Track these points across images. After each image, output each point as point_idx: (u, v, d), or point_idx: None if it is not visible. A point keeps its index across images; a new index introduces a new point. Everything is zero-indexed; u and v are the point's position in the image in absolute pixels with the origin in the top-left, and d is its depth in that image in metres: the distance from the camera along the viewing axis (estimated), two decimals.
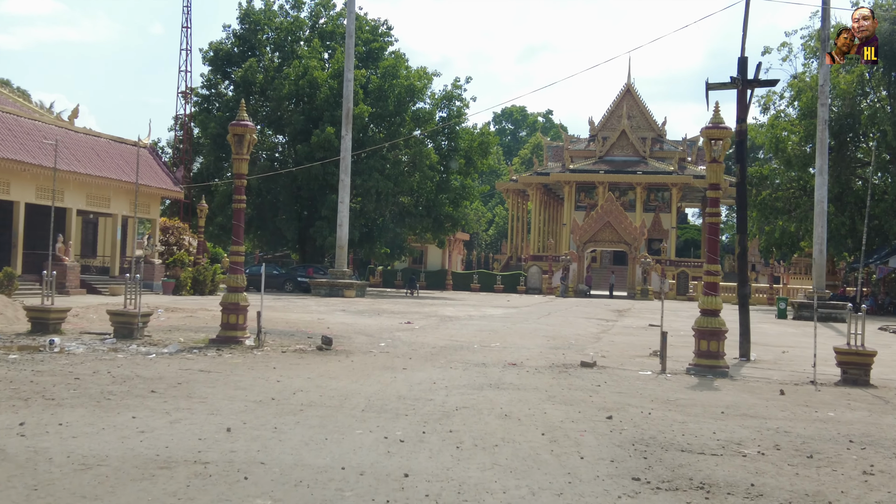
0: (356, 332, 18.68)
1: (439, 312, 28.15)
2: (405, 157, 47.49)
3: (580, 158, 73.63)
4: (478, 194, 51.66)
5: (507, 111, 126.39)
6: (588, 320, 26.89)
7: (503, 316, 27.42)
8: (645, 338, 20.63)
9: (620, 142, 72.64)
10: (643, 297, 53.64)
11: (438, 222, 47.80)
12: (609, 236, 56.13)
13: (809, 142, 44.22)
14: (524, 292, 57.57)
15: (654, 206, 72.08)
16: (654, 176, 69.02)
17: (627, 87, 75.83)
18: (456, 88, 47.86)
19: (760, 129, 47.92)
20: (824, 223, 35.89)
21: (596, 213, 56.83)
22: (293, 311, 26.27)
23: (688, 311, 38.69)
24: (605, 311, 34.36)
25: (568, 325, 23.89)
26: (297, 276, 43.61)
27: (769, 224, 48.41)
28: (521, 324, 23.24)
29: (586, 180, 70.48)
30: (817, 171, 35.95)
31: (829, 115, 36.26)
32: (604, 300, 49.68)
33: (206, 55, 47.89)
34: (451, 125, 47.73)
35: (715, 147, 13.79)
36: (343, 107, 40.28)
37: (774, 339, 22.47)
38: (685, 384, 12.14)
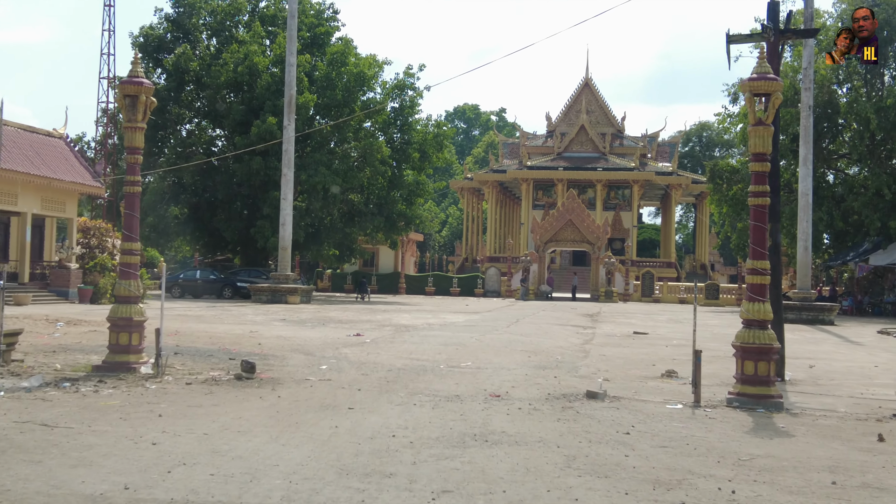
0: (293, 350, 15.14)
1: (394, 321, 24.68)
2: (355, 152, 43.89)
3: (537, 155, 70.62)
4: (432, 191, 48.17)
5: (459, 109, 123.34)
6: (563, 328, 23.62)
7: (466, 324, 24.03)
8: (638, 349, 17.40)
9: (579, 137, 69.76)
10: (608, 300, 50.69)
11: (391, 221, 44.28)
12: (571, 235, 53.12)
13: (783, 133, 41.55)
14: (482, 295, 54.28)
15: (614, 205, 69.27)
16: (616, 172, 66.23)
17: (586, 81, 72.99)
18: (408, 77, 44.40)
19: (731, 119, 45.22)
20: (809, 217, 33.08)
21: (557, 211, 53.77)
22: (225, 321, 22.61)
23: (661, 313, 35.76)
24: (576, 316, 31.19)
25: (543, 334, 20.59)
26: (237, 282, 39.78)
27: (741, 220, 45.70)
28: (491, 334, 19.87)
29: (545, 177, 67.46)
30: (801, 161, 33.12)
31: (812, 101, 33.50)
32: (568, 303, 46.60)
33: (136, 41, 43.80)
34: (403, 116, 44.24)
35: (759, 106, 10.56)
36: (285, 94, 36.61)
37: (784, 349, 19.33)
38: (739, 425, 8.86)
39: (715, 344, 19.48)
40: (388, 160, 42.48)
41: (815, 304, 32.24)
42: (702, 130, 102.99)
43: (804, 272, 33.16)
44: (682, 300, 52.60)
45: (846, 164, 44.49)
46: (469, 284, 55.46)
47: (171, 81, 42.44)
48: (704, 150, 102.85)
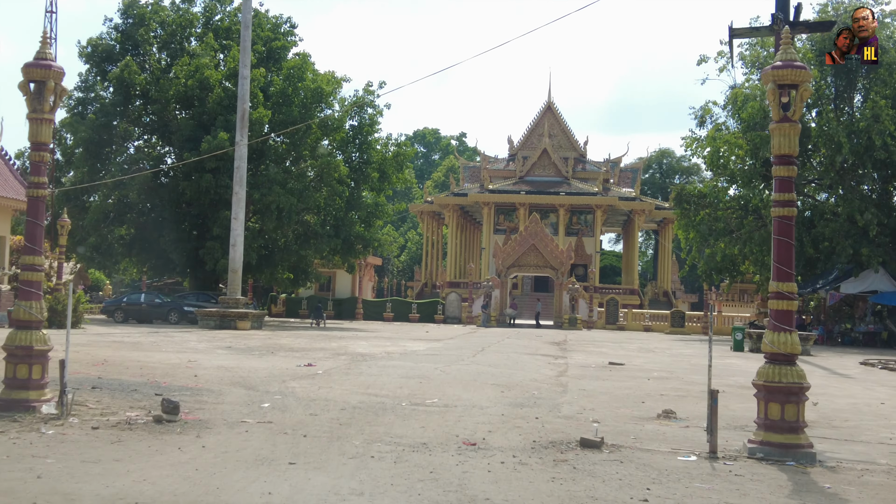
0: (234, 383, 13.25)
1: (350, 349, 22.79)
2: (311, 171, 42.03)
3: (499, 179, 69.24)
4: (392, 213, 46.37)
5: (419, 133, 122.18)
6: (532, 357, 21.91)
7: (429, 352, 22.22)
8: (619, 383, 15.73)
9: (542, 161, 68.56)
10: (571, 327, 49.17)
11: (348, 244, 42.37)
12: (534, 260, 51.61)
13: (753, 157, 40.57)
14: (442, 322, 52.48)
15: (576, 230, 68.04)
16: (579, 197, 65.01)
17: (548, 105, 71.95)
18: (368, 94, 42.75)
19: (699, 143, 44.10)
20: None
21: (520, 236, 52.26)
22: (163, 348, 20.58)
23: (629, 342, 34.18)
24: (543, 344, 29.51)
25: (513, 365, 18.85)
26: (185, 306, 37.56)
27: (709, 246, 44.55)
28: (456, 364, 18.08)
29: (507, 201, 66.05)
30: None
31: None
32: (531, 330, 44.97)
33: (84, 51, 41.62)
34: (362, 135, 42.49)
35: (785, 98, 9.00)
36: (238, 108, 34.76)
37: None
38: (776, 486, 7.18)
39: (700, 376, 17.90)
40: (346, 180, 40.68)
41: None
42: (662, 157, 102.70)
43: None
44: (648, 328, 51.27)
45: (814, 190, 43.58)
46: (429, 310, 53.67)
47: (117, 95, 40.30)
48: (665, 177, 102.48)
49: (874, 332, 40.24)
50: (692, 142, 44.44)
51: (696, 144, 44.29)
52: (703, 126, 45.48)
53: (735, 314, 52.98)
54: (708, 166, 43.48)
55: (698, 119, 45.58)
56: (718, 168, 43.52)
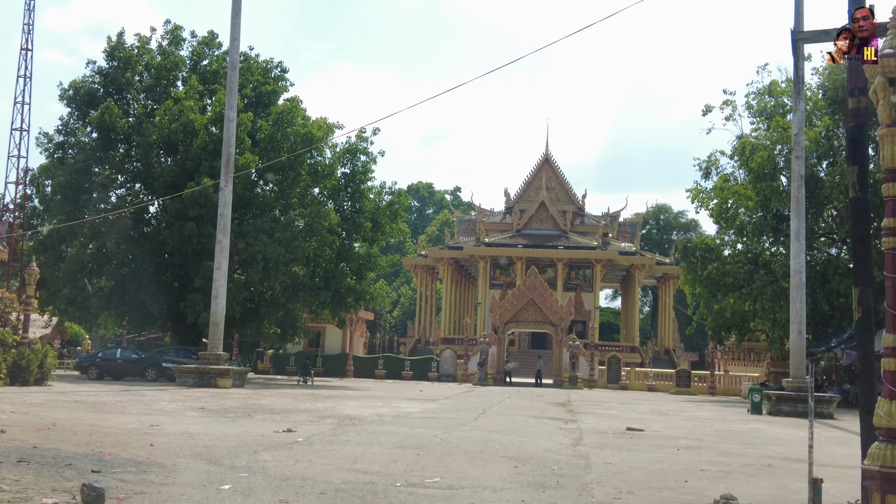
0: (194, 454, 11.07)
1: (338, 410, 20.57)
2: (300, 220, 40.04)
3: (495, 232, 67.47)
4: (385, 265, 44.31)
5: (412, 187, 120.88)
6: (540, 421, 19.72)
7: (425, 415, 20.01)
8: (648, 454, 13.57)
9: (539, 214, 66.86)
10: (572, 386, 46.93)
11: (339, 297, 40.26)
12: (532, 316, 49.55)
13: (763, 209, 38.82)
14: (436, 379, 50.18)
15: (574, 285, 66.08)
16: (578, 251, 63.17)
17: (546, 157, 70.51)
18: (361, 140, 41.01)
19: (705, 194, 42.35)
20: (803, 297, 29.98)
21: (518, 290, 50.26)
22: (128, 410, 18.35)
23: (637, 402, 31.76)
24: (547, 406, 27.31)
25: (521, 430, 16.66)
26: (163, 362, 35.26)
27: (717, 302, 42.53)
28: (457, 430, 15.89)
29: (503, 255, 64.14)
30: (793, 235, 30.11)
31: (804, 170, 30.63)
32: (531, 389, 42.70)
33: (65, 94, 39.86)
34: (355, 183, 40.67)
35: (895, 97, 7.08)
36: (223, 153, 32.89)
37: (822, 455, 15.71)
38: None
39: (732, 445, 15.80)
40: (337, 229, 38.69)
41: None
42: (659, 213, 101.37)
43: (798, 358, 29.79)
44: (652, 388, 49.03)
45: (825, 244, 41.75)
46: (422, 367, 51.44)
47: (98, 139, 38.48)
48: (662, 233, 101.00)
49: None
50: (698, 193, 42.70)
51: (701, 196, 42.57)
52: (709, 178, 43.78)
53: (742, 373, 50.84)
54: (715, 219, 41.66)
55: (703, 170, 43.91)
56: (726, 221, 41.72)
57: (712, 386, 48.54)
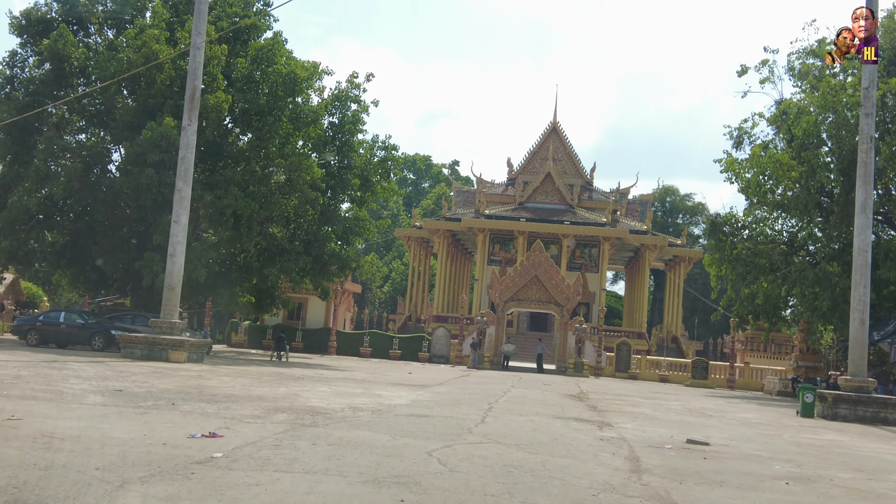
0: (8, 487, 6.25)
1: (301, 399, 15.76)
2: (281, 175, 35.05)
3: (496, 204, 62.59)
4: (375, 230, 39.37)
5: (409, 159, 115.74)
6: (566, 424, 14.90)
7: (414, 410, 15.17)
8: (762, 495, 8.80)
9: (544, 187, 62.00)
10: (577, 373, 42.29)
11: (321, 264, 35.40)
12: (536, 294, 44.82)
13: (808, 180, 33.97)
14: (427, 360, 45.51)
15: (579, 265, 61.27)
16: (585, 227, 58.33)
17: (553, 125, 65.52)
18: (353, 87, 36.01)
19: (741, 165, 37.47)
20: (867, 281, 25.17)
21: (521, 265, 45.45)
22: (16, 390, 13.51)
23: (658, 396, 26.42)
24: (560, 398, 22.58)
25: (553, 444, 11.69)
26: (112, 329, 30.36)
27: (747, 286, 37.77)
28: (462, 443, 10.91)
29: (504, 228, 59.26)
30: (859, 207, 25.30)
31: (874, 130, 25.75)
32: (532, 375, 38.02)
33: (16, 23, 34.72)
34: (343, 134, 35.72)
35: None
36: (187, 86, 27.94)
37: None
38: None
39: (843, 473, 11.10)
40: (320, 184, 33.73)
41: (874, 396, 24.04)
42: (665, 195, 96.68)
43: (859, 353, 25.03)
44: (664, 378, 44.43)
45: (877, 225, 36.95)
46: (412, 347, 46.71)
47: (50, 72, 33.43)
48: (668, 216, 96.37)
49: None
50: (732, 163, 37.79)
51: (736, 166, 37.69)
52: (740, 147, 38.98)
53: (764, 366, 46.22)
54: (752, 192, 36.74)
55: (735, 139, 39.10)
56: (761, 195, 36.89)
57: (731, 379, 43.99)
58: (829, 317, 33.44)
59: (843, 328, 34.03)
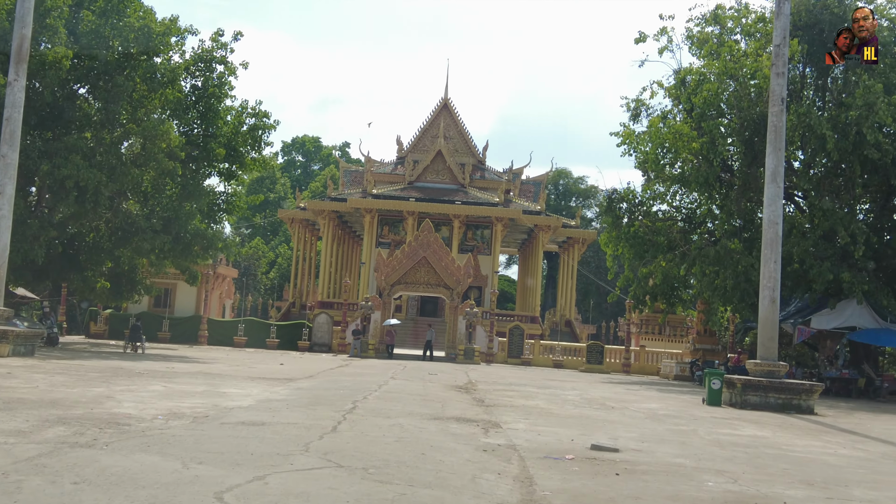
0: None
1: (107, 405, 12.41)
2: (136, 144, 31.13)
3: (384, 184, 59.49)
4: (245, 206, 35.76)
5: (297, 141, 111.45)
6: (444, 429, 11.97)
7: (249, 416, 11.99)
8: None
9: (435, 166, 59.20)
10: (468, 360, 39.70)
11: (183, 243, 31.73)
12: (424, 277, 41.97)
13: (710, 153, 32.03)
14: (307, 349, 42.21)
15: (471, 247, 58.76)
16: (477, 207, 55.79)
17: (444, 102, 62.73)
18: (218, 46, 32.32)
19: (639, 138, 35.39)
20: (778, 256, 23.10)
21: (409, 246, 42.52)
22: None
23: (554, 384, 23.51)
24: (444, 391, 19.74)
25: (417, 461, 8.74)
26: None
27: (644, 265, 35.79)
28: (287, 467, 7.85)
29: (393, 209, 56.21)
30: (769, 176, 23.19)
31: (786, 91, 23.68)
32: (420, 363, 35.20)
33: None
34: (207, 99, 32.04)
35: None
36: (14, 35, 23.92)
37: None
38: None
39: (786, 486, 8.48)
40: (179, 153, 29.98)
41: (786, 382, 21.99)
42: (559, 178, 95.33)
43: (769, 334, 22.97)
44: (559, 363, 42.29)
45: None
46: (292, 335, 43.31)
47: None
48: (561, 199, 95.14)
49: (848, 378, 32.09)
50: (629, 135, 35.69)
51: (634, 139, 35.59)
52: (638, 120, 36.87)
53: (660, 350, 44.60)
54: (649, 167, 34.67)
55: (632, 111, 36.92)
56: (659, 169, 34.92)
57: (627, 363, 42.15)
58: (731, 296, 31.60)
59: (745, 308, 32.33)
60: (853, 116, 28.69)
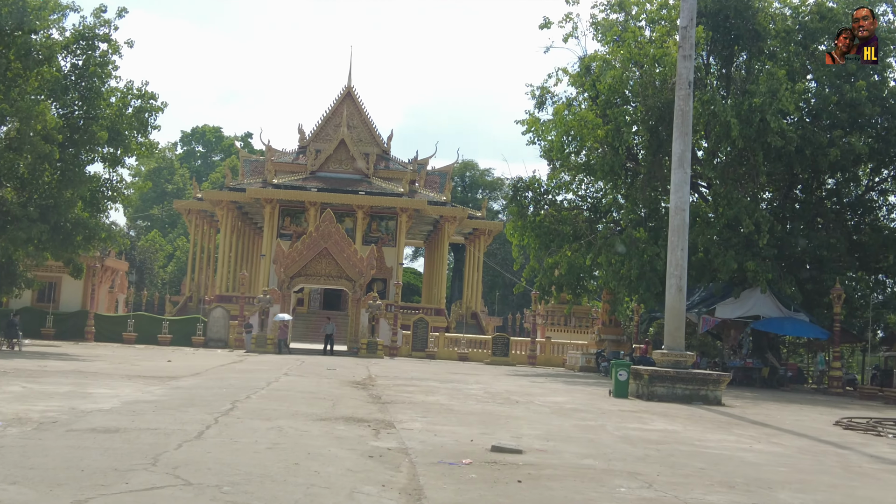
0: None
1: None
2: (15, 126, 28.83)
3: (286, 173, 57.63)
4: (136, 197, 33.69)
5: (198, 131, 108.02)
6: (329, 432, 10.77)
7: (107, 420, 10.51)
8: None
9: (338, 155, 57.59)
10: (371, 354, 38.42)
11: (63, 233, 29.60)
12: (326, 269, 40.50)
13: (615, 140, 31.51)
14: (202, 345, 40.29)
15: (375, 238, 57.29)
16: (382, 198, 54.49)
17: (347, 90, 61.10)
18: (101, 23, 30.22)
19: (544, 126, 34.70)
20: (685, 243, 22.56)
21: (310, 237, 40.96)
22: None
23: (457, 377, 22.42)
24: (340, 388, 18.52)
25: (288, 473, 7.58)
26: None
27: (550, 255, 35.17)
28: (120, 487, 6.51)
29: (294, 199, 54.44)
30: (676, 161, 22.66)
31: (693, 74, 23.13)
32: (318, 358, 33.71)
33: None
34: (88, 79, 29.93)
35: None
36: None
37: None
38: None
39: (705, 489, 7.54)
40: (55, 135, 27.86)
41: (693, 372, 21.47)
42: (465, 170, 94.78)
43: (676, 324, 22.43)
44: (464, 356, 41.38)
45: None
46: (186, 330, 41.33)
47: None
48: (468, 191, 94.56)
49: (752, 367, 32.05)
50: (534, 122, 34.98)
51: (539, 127, 34.88)
52: (543, 108, 36.25)
53: (566, 341, 44.19)
54: (554, 155, 34.01)
55: (537, 98, 36.26)
56: (565, 157, 34.33)
57: (533, 355, 41.49)
58: (636, 286, 31.18)
59: (650, 298, 31.94)
60: (757, 103, 28.46)
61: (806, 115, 31.45)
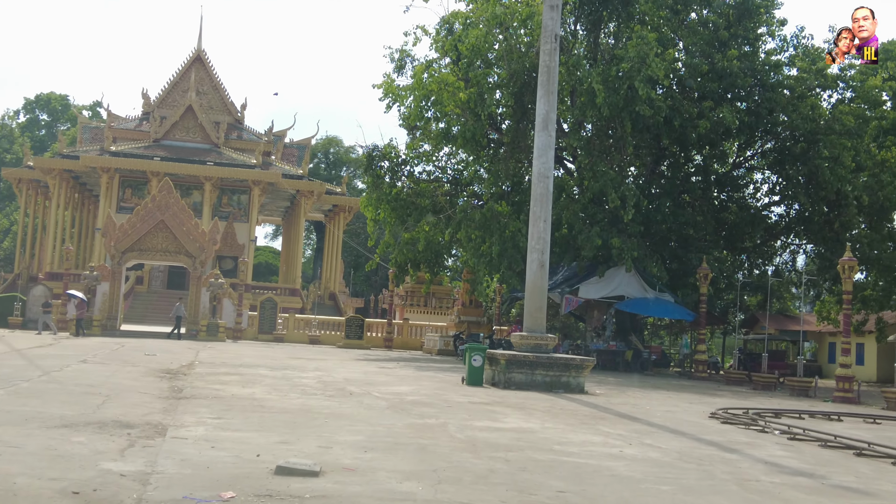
0: None
1: None
2: None
3: (127, 141, 53.11)
4: None
5: (42, 98, 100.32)
6: (58, 439, 7.86)
7: None
8: None
9: (185, 123, 53.41)
10: (211, 337, 35.09)
11: None
12: (163, 243, 36.80)
13: (478, 106, 29.19)
14: (20, 326, 36.01)
15: (226, 213, 53.52)
16: (232, 169, 50.76)
17: (197, 54, 56.90)
18: None
19: (403, 90, 32.09)
20: (548, 214, 20.44)
21: (144, 208, 37.09)
22: None
23: (302, 364, 19.88)
24: (136, 379, 15.45)
25: None
26: None
27: (407, 230, 32.65)
28: None
29: (136, 169, 50.00)
30: (540, 123, 20.41)
31: (560, 27, 20.90)
32: (148, 341, 30.12)
33: None
34: None
35: None
36: None
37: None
38: None
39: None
40: None
41: (554, 357, 19.30)
42: (329, 146, 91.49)
43: (537, 304, 20.26)
44: (315, 339, 38.54)
45: None
46: (3, 310, 36.89)
47: None
48: (331, 169, 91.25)
49: (616, 350, 30.47)
50: (391, 87, 32.31)
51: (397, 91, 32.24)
52: (402, 72, 33.61)
53: (424, 323, 41.88)
54: (412, 120, 31.47)
55: (396, 62, 33.59)
56: (425, 124, 31.83)
57: (389, 338, 39.03)
58: (498, 264, 29.03)
59: (512, 277, 29.82)
60: (625, 69, 26.66)
61: (676, 85, 29.95)
